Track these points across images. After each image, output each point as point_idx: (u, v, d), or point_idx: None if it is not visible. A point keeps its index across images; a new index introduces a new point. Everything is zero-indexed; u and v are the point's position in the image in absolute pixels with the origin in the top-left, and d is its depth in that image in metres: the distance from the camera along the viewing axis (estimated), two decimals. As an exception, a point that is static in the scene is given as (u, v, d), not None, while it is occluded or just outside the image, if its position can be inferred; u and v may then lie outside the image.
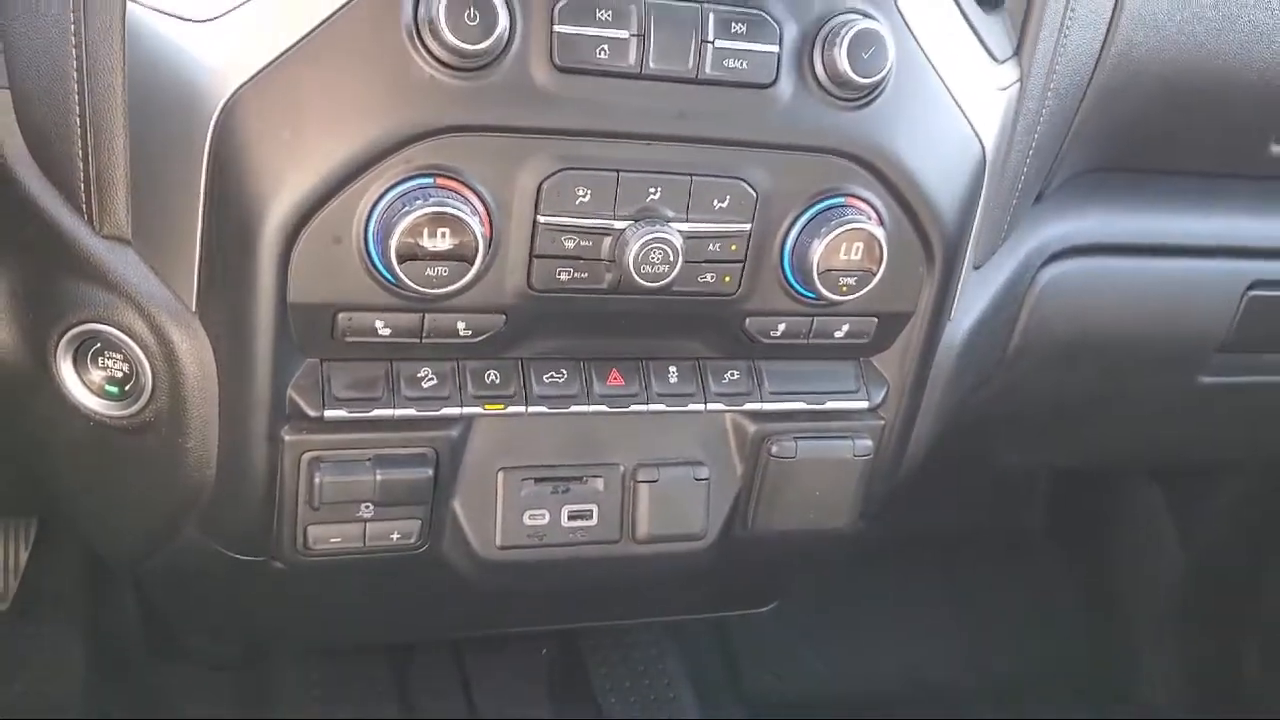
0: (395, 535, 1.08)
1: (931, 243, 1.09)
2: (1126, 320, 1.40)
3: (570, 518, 1.12)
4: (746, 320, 1.09)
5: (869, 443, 1.19)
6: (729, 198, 1.00)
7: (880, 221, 1.04)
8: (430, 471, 1.06)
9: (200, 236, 0.96)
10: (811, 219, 1.03)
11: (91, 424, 1.05)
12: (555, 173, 0.95)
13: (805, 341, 1.12)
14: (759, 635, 2.28)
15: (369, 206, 0.92)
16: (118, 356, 1.02)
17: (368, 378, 1.03)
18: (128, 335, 1.00)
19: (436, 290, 0.94)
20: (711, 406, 1.14)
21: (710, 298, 1.05)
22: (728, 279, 1.04)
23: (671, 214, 0.99)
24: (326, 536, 1.06)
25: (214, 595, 1.36)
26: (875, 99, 1.00)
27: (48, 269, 1.01)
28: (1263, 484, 2.27)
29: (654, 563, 1.18)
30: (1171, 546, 2.39)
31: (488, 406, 1.07)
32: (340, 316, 0.97)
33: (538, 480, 1.11)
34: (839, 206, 1.03)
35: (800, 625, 2.30)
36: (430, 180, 0.92)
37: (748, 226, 1.02)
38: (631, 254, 0.98)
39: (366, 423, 1.03)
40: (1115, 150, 1.29)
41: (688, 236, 1.00)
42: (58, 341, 1.02)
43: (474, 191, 0.94)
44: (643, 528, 1.14)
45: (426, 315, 0.99)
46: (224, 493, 1.06)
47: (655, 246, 0.98)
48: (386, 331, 0.99)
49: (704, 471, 1.15)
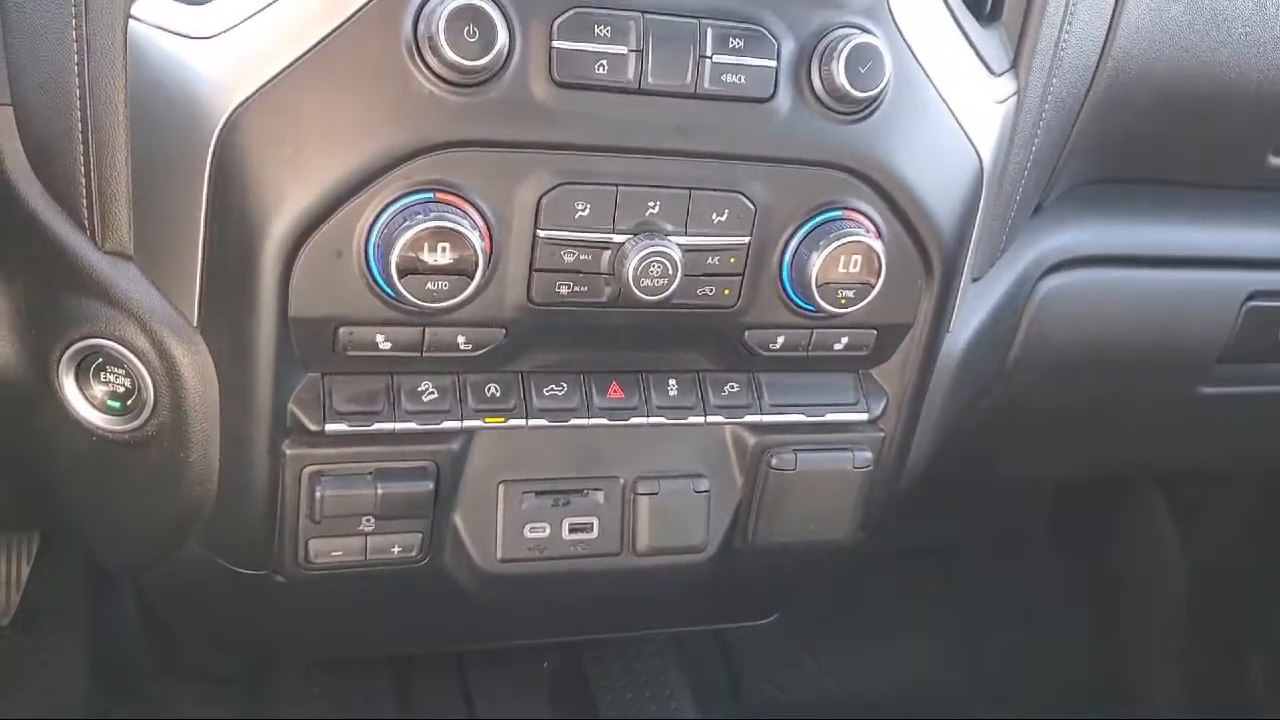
0: (396, 549, 1.08)
1: (930, 255, 1.09)
2: (1126, 331, 1.40)
3: (571, 530, 1.12)
4: (746, 333, 1.10)
5: (869, 454, 1.19)
6: (728, 211, 1.01)
7: (878, 234, 1.05)
8: (431, 485, 1.06)
9: (202, 252, 0.96)
10: (810, 232, 1.03)
11: (94, 438, 1.06)
12: (555, 187, 0.96)
13: (804, 354, 1.12)
14: (760, 645, 2.28)
15: (370, 221, 0.93)
16: (120, 371, 1.02)
17: (368, 391, 1.03)
18: (130, 350, 1.00)
19: (437, 304, 0.94)
20: (711, 419, 1.14)
21: (709, 310, 1.06)
22: (727, 292, 1.05)
23: (670, 228, 1.00)
24: (328, 550, 1.07)
25: (216, 608, 1.36)
26: (873, 113, 1.01)
27: (50, 285, 1.01)
28: (1265, 493, 2.27)
29: (654, 575, 1.18)
30: (1174, 556, 2.38)
31: (488, 420, 1.07)
32: (341, 331, 0.98)
33: (538, 493, 1.11)
34: (837, 219, 1.03)
35: (802, 635, 2.30)
36: (430, 195, 0.93)
37: (746, 240, 1.03)
38: (631, 267, 0.98)
39: (367, 436, 1.03)
40: (1113, 162, 1.30)
41: (687, 250, 1.00)
42: (60, 357, 1.02)
43: (474, 206, 0.94)
44: (643, 540, 1.15)
45: (427, 329, 0.99)
46: (225, 506, 1.06)
47: (654, 260, 0.98)
48: (387, 345, 0.99)
49: (704, 484, 1.15)
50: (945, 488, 1.45)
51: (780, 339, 1.11)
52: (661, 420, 1.13)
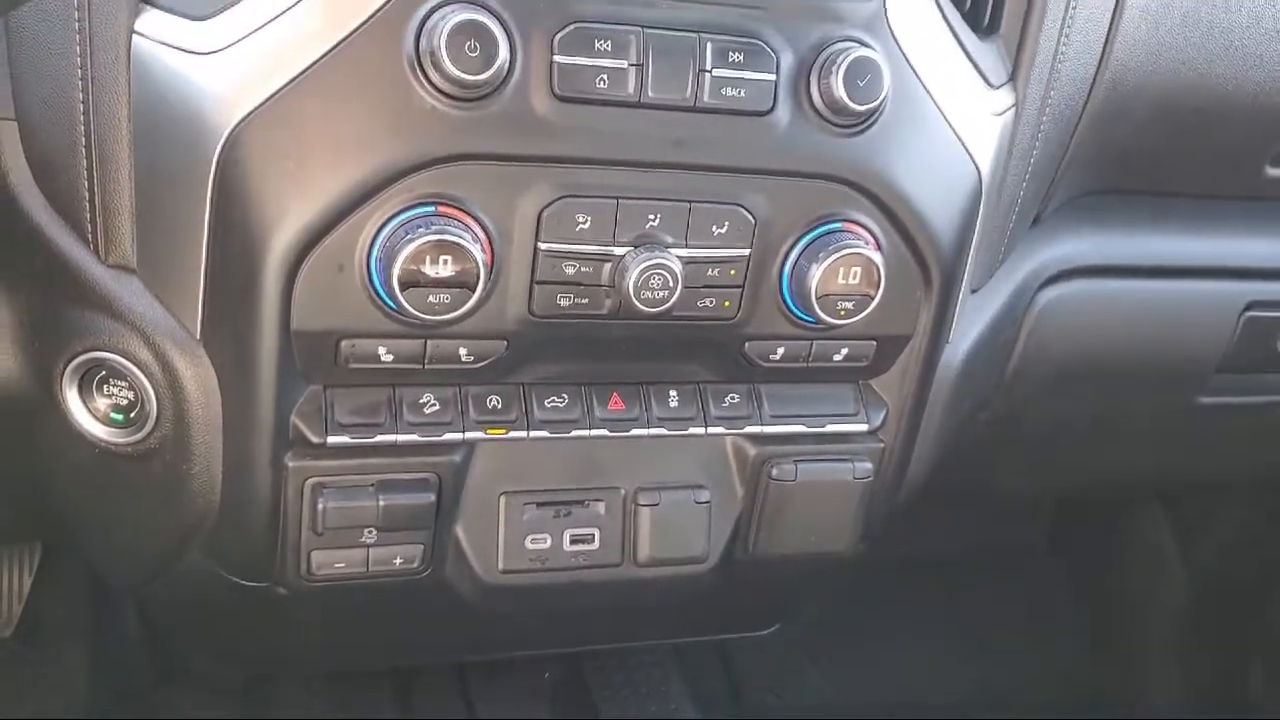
0: (398, 560, 1.08)
1: (929, 267, 1.10)
2: (1125, 342, 1.40)
3: (572, 541, 1.13)
4: (746, 344, 1.10)
5: (869, 465, 1.19)
6: (728, 224, 1.01)
7: (877, 246, 1.05)
8: (433, 496, 1.07)
9: (205, 265, 0.97)
10: (809, 244, 1.04)
11: (97, 451, 1.06)
12: (556, 200, 0.96)
13: (804, 365, 1.13)
14: (761, 656, 2.28)
15: (372, 234, 0.93)
16: (123, 384, 1.02)
17: (370, 404, 1.04)
18: (133, 363, 1.01)
19: (439, 317, 0.95)
20: (712, 430, 1.15)
21: (710, 322, 1.06)
22: (727, 304, 1.05)
23: (671, 240, 1.00)
24: (330, 562, 1.07)
25: (218, 620, 1.36)
26: (871, 125, 1.01)
27: (54, 298, 1.02)
28: (1264, 504, 2.27)
29: (656, 586, 1.19)
30: (1175, 565, 2.38)
31: (490, 431, 1.08)
32: (343, 343, 0.98)
33: (539, 504, 1.12)
34: (836, 232, 1.04)
35: (803, 645, 2.30)
36: (432, 208, 0.93)
37: (746, 252, 1.03)
38: (631, 280, 0.99)
39: (369, 448, 1.04)
40: (1111, 173, 1.30)
41: (687, 262, 1.01)
42: (63, 369, 1.03)
43: (475, 219, 0.95)
44: (644, 551, 1.15)
45: (429, 341, 1.00)
46: (228, 518, 1.07)
47: (655, 272, 0.99)
48: (389, 358, 1.00)
49: (705, 495, 1.16)
50: (945, 499, 1.45)
51: (780, 350, 1.11)
52: (662, 431, 1.13)
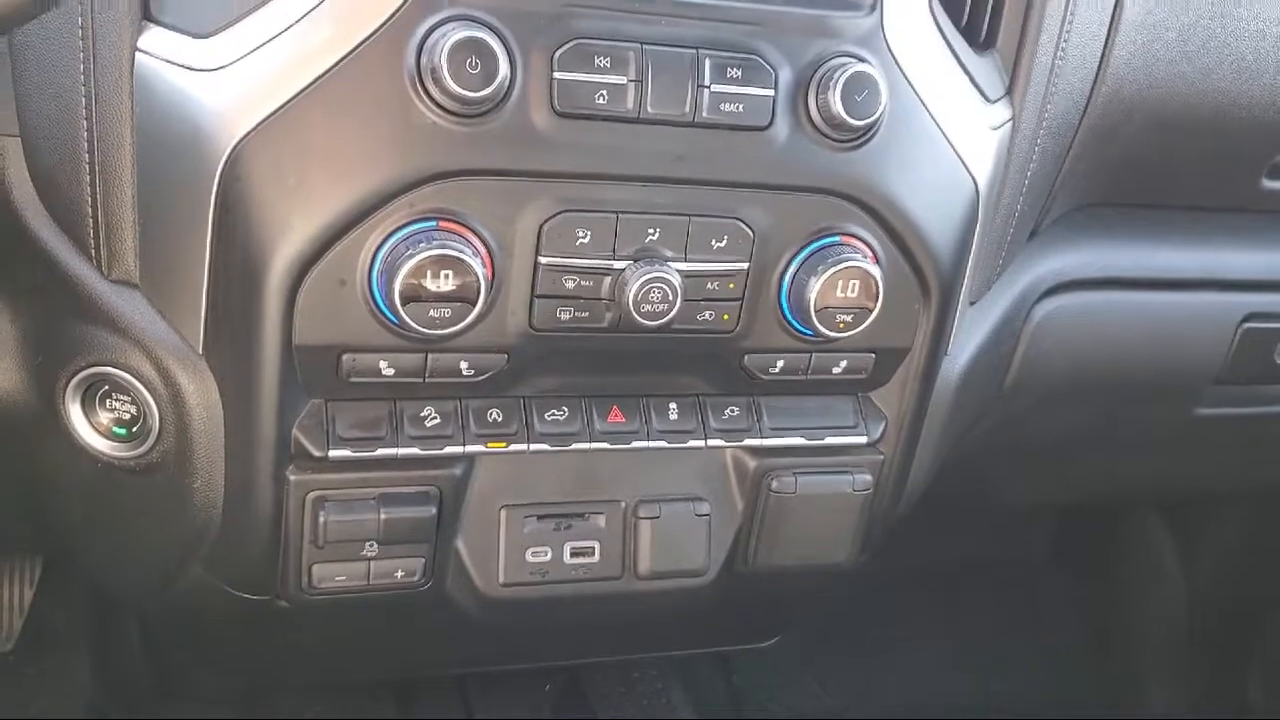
0: (399, 573, 1.09)
1: (927, 279, 1.10)
2: (1123, 354, 1.41)
3: (572, 555, 1.13)
4: (745, 357, 1.10)
5: (868, 478, 1.19)
6: (727, 237, 1.02)
7: (876, 259, 1.06)
8: (433, 510, 1.07)
9: (207, 280, 0.97)
10: (808, 257, 1.04)
11: (99, 465, 1.07)
12: (556, 215, 0.97)
13: (804, 377, 1.13)
14: (762, 668, 2.28)
15: (373, 249, 0.94)
16: (125, 398, 1.03)
17: (371, 417, 1.04)
18: (135, 378, 1.01)
19: (440, 331, 0.95)
20: (712, 442, 1.15)
21: (709, 335, 1.07)
22: (726, 317, 1.06)
23: (670, 254, 1.01)
24: (331, 575, 1.07)
25: (219, 632, 1.36)
26: (869, 140, 1.02)
27: (57, 313, 1.02)
28: (1264, 513, 2.27)
29: (656, 599, 1.19)
30: (1175, 576, 2.38)
31: (490, 445, 1.08)
32: (345, 357, 0.99)
33: (540, 517, 1.12)
34: (835, 245, 1.05)
35: (803, 657, 2.30)
36: (433, 223, 0.94)
37: (745, 265, 1.04)
38: (631, 293, 0.99)
39: (370, 462, 1.04)
40: (1108, 186, 1.31)
41: (686, 276, 1.01)
42: (66, 384, 1.03)
43: (476, 234, 0.95)
44: (644, 564, 1.15)
45: (430, 355, 1.00)
46: (230, 532, 1.07)
47: (654, 286, 0.99)
48: (390, 372, 1.00)
49: (705, 507, 1.16)
50: (945, 510, 1.45)
51: (779, 363, 1.12)
52: (662, 444, 1.13)
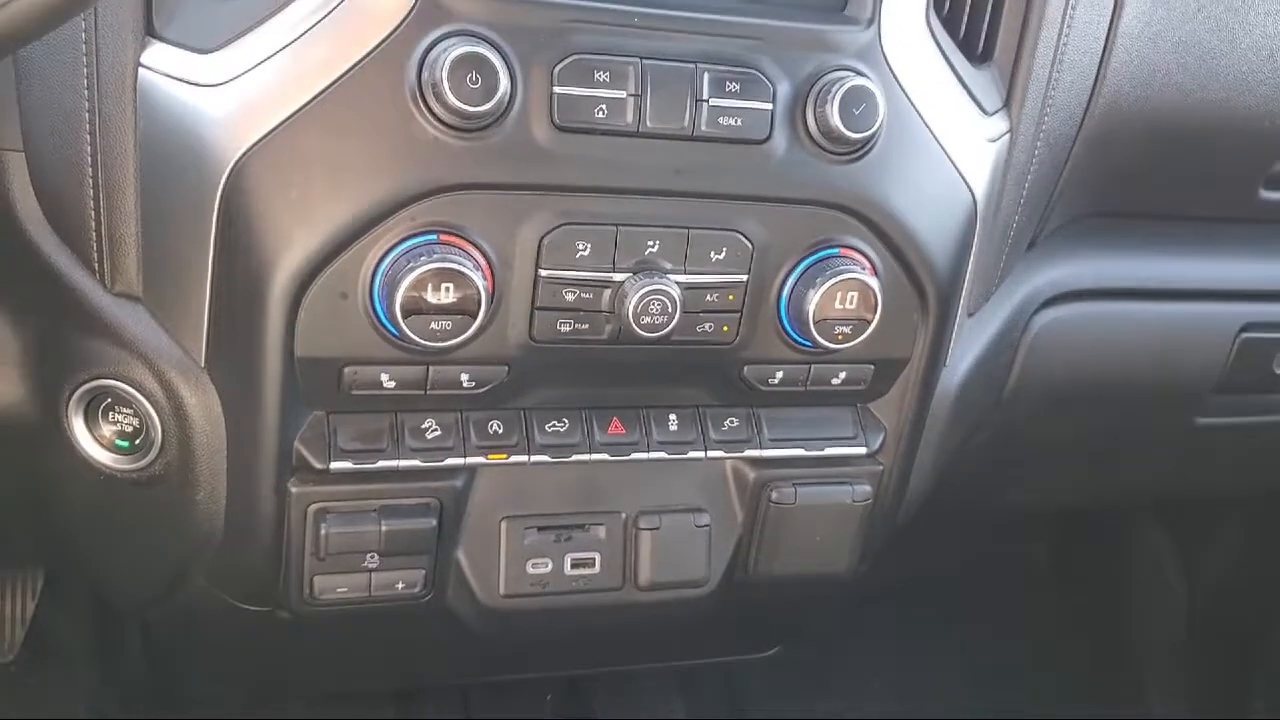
0: (400, 585, 1.09)
1: (925, 291, 1.11)
2: (1121, 364, 1.41)
3: (573, 566, 1.13)
4: (745, 368, 1.11)
5: (868, 488, 1.20)
6: (726, 249, 1.02)
7: (874, 271, 1.06)
8: (434, 521, 1.07)
9: (210, 293, 0.98)
10: (807, 269, 1.05)
11: (101, 477, 1.07)
12: (556, 228, 0.98)
13: (803, 388, 1.14)
14: (764, 678, 2.27)
15: (375, 262, 0.94)
16: (128, 411, 1.03)
17: (373, 429, 1.05)
18: (138, 391, 1.02)
19: (441, 343, 0.96)
20: (711, 454, 1.15)
21: (709, 347, 1.07)
22: (725, 328, 1.06)
23: (670, 266, 1.01)
24: (332, 587, 1.08)
25: (221, 643, 1.37)
26: (867, 153, 1.02)
27: (60, 326, 1.03)
28: (1264, 519, 2.27)
29: (657, 609, 1.19)
30: (1176, 583, 2.38)
31: (491, 456, 1.08)
32: (346, 370, 0.99)
33: (540, 529, 1.12)
34: (833, 257, 1.05)
35: (804, 666, 2.29)
36: (434, 236, 0.94)
37: (744, 277, 1.04)
38: (631, 305, 1.00)
39: (371, 474, 1.05)
40: (1106, 197, 1.31)
41: (686, 288, 1.02)
42: (70, 397, 1.04)
43: (477, 247, 0.96)
44: (645, 575, 1.15)
45: (431, 368, 1.01)
46: (232, 544, 1.08)
47: (654, 298, 1.00)
48: (391, 384, 1.01)
49: (705, 518, 1.16)
50: (945, 518, 1.45)
51: (779, 374, 1.12)
52: (662, 455, 1.14)
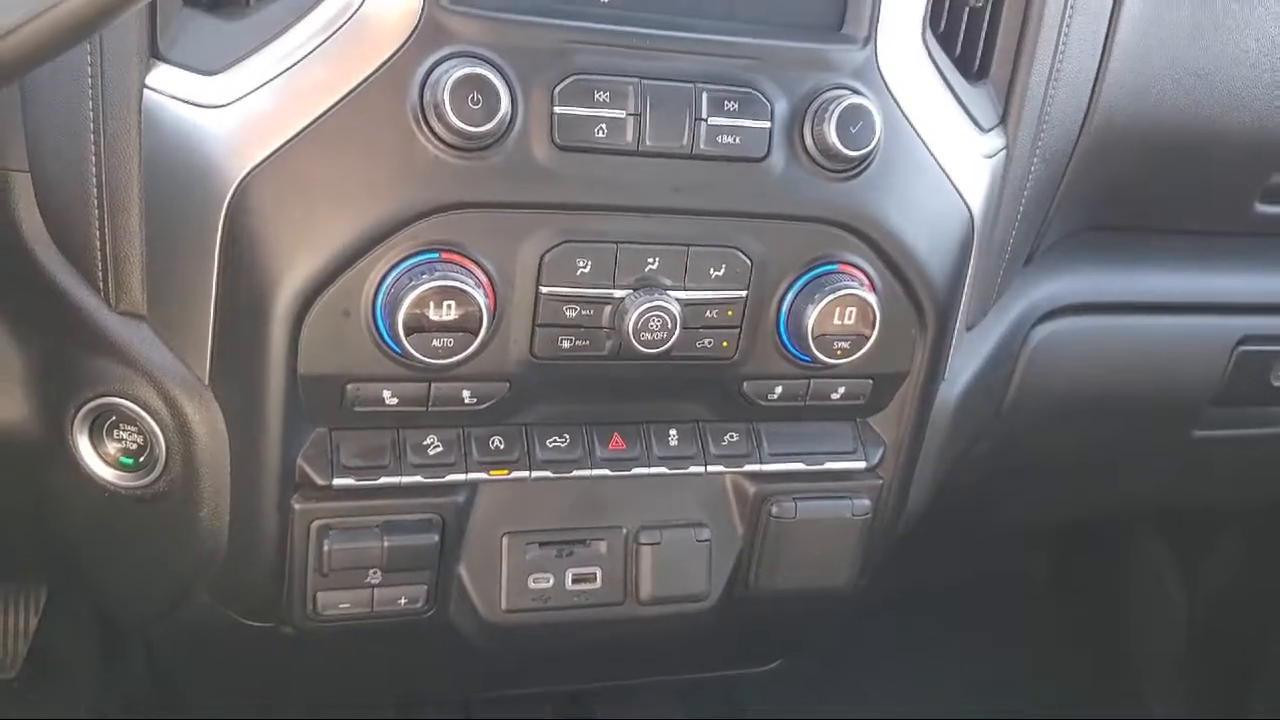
0: (402, 600, 1.10)
1: (923, 306, 1.11)
2: (1119, 377, 1.42)
3: (574, 580, 1.14)
4: (744, 383, 1.12)
5: (867, 502, 1.20)
6: (725, 266, 1.03)
7: (872, 287, 1.07)
8: (436, 537, 1.08)
9: (213, 312, 0.99)
10: (805, 285, 1.06)
11: (106, 494, 1.08)
12: (557, 245, 0.98)
13: (802, 403, 1.14)
14: (765, 692, 2.27)
15: (377, 281, 0.95)
16: (132, 429, 1.04)
17: (375, 446, 1.05)
18: (143, 408, 1.02)
19: (442, 361, 0.96)
20: (712, 468, 1.16)
21: (708, 362, 1.08)
22: (725, 344, 1.07)
23: (669, 282, 1.02)
24: (335, 602, 1.08)
25: (224, 658, 1.37)
26: (864, 170, 1.03)
27: (65, 344, 1.04)
28: (1263, 530, 2.27)
29: (658, 624, 1.20)
30: (1176, 593, 2.38)
31: (492, 472, 1.09)
32: (349, 387, 1.00)
33: (542, 544, 1.13)
34: (832, 273, 1.06)
35: (805, 679, 2.29)
36: (436, 255, 0.95)
37: (743, 293, 1.05)
38: (631, 322, 1.01)
39: (374, 490, 1.05)
40: (1103, 211, 1.32)
41: (685, 304, 1.02)
42: (75, 414, 1.04)
43: (478, 265, 0.97)
44: (646, 589, 1.16)
45: (432, 384, 1.02)
46: (235, 560, 1.08)
47: (654, 314, 1.01)
48: (394, 401, 1.01)
49: (705, 533, 1.17)
50: (945, 531, 1.46)
51: (778, 389, 1.13)
52: (663, 470, 1.14)
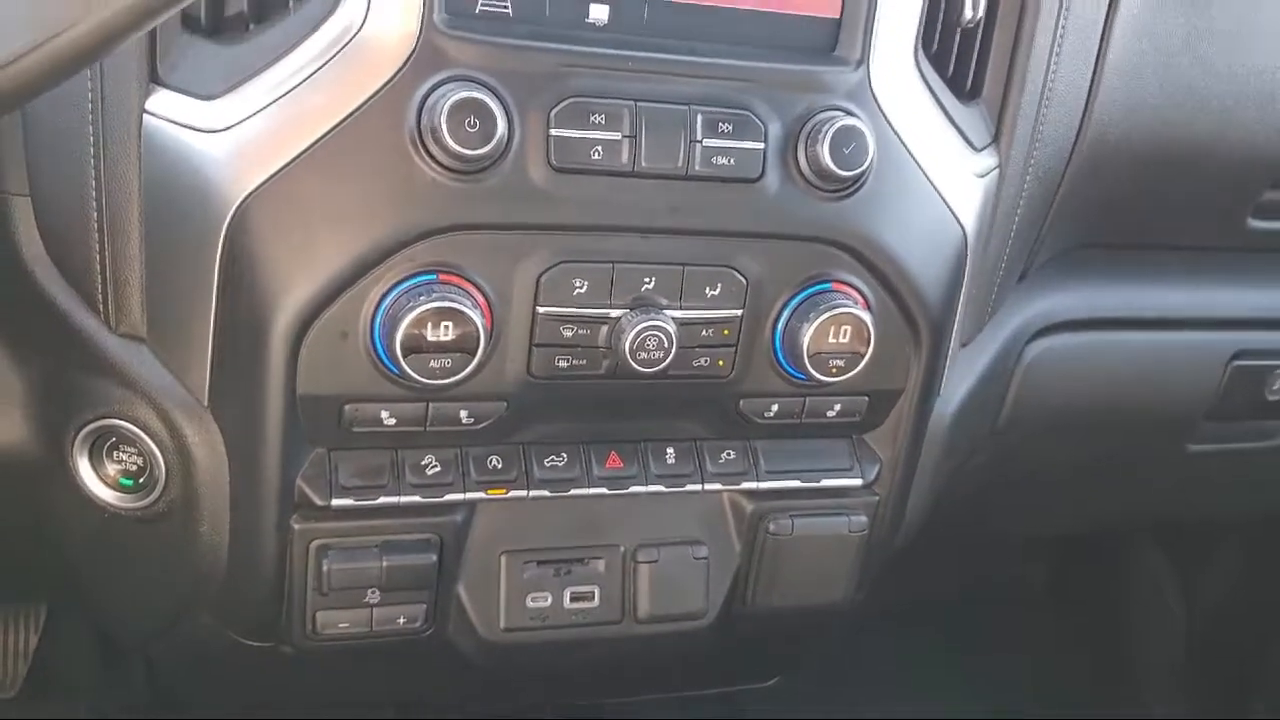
0: (401, 619, 1.10)
1: (918, 324, 1.12)
2: (1114, 392, 1.42)
3: (572, 599, 1.14)
4: (741, 401, 1.12)
5: (864, 519, 1.21)
6: (720, 285, 1.04)
7: (867, 305, 1.08)
8: (435, 557, 1.08)
9: (212, 334, 0.99)
10: (800, 304, 1.06)
11: (106, 515, 1.08)
12: (553, 266, 0.99)
13: (799, 421, 1.15)
14: (766, 707, 2.27)
15: (375, 302, 0.96)
16: (132, 450, 1.05)
17: (373, 466, 1.06)
18: (142, 430, 1.03)
19: (440, 381, 0.97)
20: (709, 486, 1.17)
21: (705, 381, 1.08)
22: (721, 362, 1.07)
23: (665, 302, 1.03)
24: (334, 622, 1.09)
25: (223, 677, 1.37)
26: (858, 190, 1.04)
27: (66, 366, 1.04)
28: (1263, 543, 2.28)
29: (656, 642, 1.20)
30: (1174, 605, 2.38)
31: (490, 491, 1.10)
32: (347, 408, 1.00)
33: (540, 563, 1.13)
34: (827, 291, 1.07)
35: (805, 694, 2.29)
36: (433, 276, 0.96)
37: (739, 312, 1.06)
38: (627, 341, 1.01)
39: (372, 510, 1.06)
40: (1096, 228, 1.33)
41: (681, 323, 1.03)
42: (75, 436, 1.05)
43: (475, 285, 0.98)
44: (644, 607, 1.16)
45: (430, 404, 1.02)
46: (235, 580, 1.08)
47: (650, 333, 1.01)
48: (392, 421, 1.02)
49: (703, 550, 1.17)
50: (942, 545, 1.46)
51: (774, 407, 1.13)
52: (660, 488, 1.15)
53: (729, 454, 1.17)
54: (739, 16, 1.01)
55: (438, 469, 1.07)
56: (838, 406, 1.15)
